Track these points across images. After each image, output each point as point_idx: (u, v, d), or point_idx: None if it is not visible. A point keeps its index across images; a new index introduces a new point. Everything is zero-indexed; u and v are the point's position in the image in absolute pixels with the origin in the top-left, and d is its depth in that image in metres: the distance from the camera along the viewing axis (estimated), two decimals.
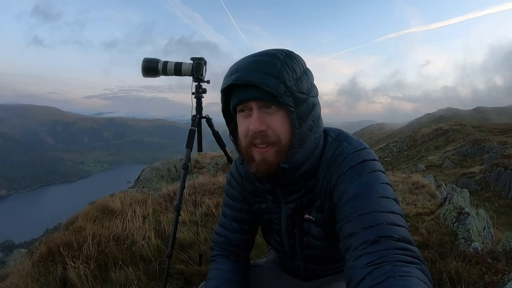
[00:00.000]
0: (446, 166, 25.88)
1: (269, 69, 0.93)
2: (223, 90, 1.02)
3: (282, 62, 0.95)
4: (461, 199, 3.68)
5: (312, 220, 1.14)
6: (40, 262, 2.74)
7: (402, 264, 0.77)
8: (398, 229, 0.86)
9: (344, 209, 0.95)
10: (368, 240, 0.84)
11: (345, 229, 0.92)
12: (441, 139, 40.70)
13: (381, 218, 0.87)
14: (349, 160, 1.01)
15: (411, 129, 63.54)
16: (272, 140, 0.97)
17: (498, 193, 17.13)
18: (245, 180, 1.26)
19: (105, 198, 4.91)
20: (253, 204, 1.27)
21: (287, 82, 0.93)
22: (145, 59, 2.32)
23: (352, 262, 0.84)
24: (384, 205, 0.90)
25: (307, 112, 0.99)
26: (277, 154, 0.99)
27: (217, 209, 3.99)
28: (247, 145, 1.01)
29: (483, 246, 2.70)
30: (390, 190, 0.96)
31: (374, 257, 0.80)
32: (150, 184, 10.49)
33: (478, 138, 30.46)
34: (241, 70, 0.96)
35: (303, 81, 0.98)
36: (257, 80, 0.92)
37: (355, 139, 1.09)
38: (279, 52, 0.98)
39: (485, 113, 63.04)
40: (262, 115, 0.97)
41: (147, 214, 3.81)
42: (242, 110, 1.01)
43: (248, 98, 0.97)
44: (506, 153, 20.56)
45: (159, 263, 2.71)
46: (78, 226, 3.46)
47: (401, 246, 0.82)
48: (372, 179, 0.96)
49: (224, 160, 12.17)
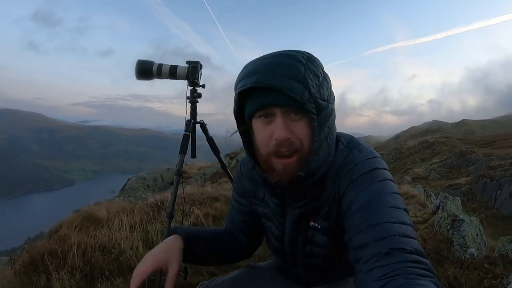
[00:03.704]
0: (432, 178, 26.17)
1: (293, 73, 0.88)
2: (240, 93, 0.95)
3: (305, 67, 0.90)
4: (454, 207, 3.73)
5: (317, 228, 1.10)
6: (23, 271, 2.65)
7: (416, 277, 0.74)
8: (410, 241, 0.83)
9: (354, 218, 0.91)
10: (381, 252, 0.81)
11: (355, 240, 0.88)
12: (427, 151, 41.22)
13: (393, 230, 0.84)
14: (360, 168, 0.97)
15: (397, 141, 64.31)
16: (297, 147, 0.94)
17: (485, 204, 17.41)
18: (245, 179, 1.25)
19: (90, 206, 4.82)
20: (252, 205, 1.26)
21: (311, 88, 0.89)
22: (139, 61, 2.26)
23: (364, 275, 0.81)
24: (395, 215, 0.87)
25: (326, 119, 0.96)
26: (299, 161, 0.95)
27: (206, 219, 3.93)
28: (269, 154, 0.97)
29: (478, 252, 2.75)
30: (401, 200, 0.93)
31: (387, 270, 0.77)
32: (136, 194, 10.38)
33: (464, 150, 30.96)
34: (260, 72, 0.90)
35: (323, 88, 0.95)
36: (282, 84, 0.87)
37: (366, 146, 1.06)
38: (300, 54, 0.92)
39: (470, 126, 64.26)
40: (287, 122, 0.92)
41: (134, 223, 3.71)
42: (263, 116, 0.95)
43: (272, 103, 0.91)
44: (491, 164, 20.96)
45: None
46: (62, 234, 3.37)
47: (414, 259, 0.79)
48: (383, 188, 0.93)
49: (212, 171, 12.16)
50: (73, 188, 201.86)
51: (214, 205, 4.50)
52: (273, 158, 0.96)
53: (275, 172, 0.98)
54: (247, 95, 0.96)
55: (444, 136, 47.37)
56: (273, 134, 0.93)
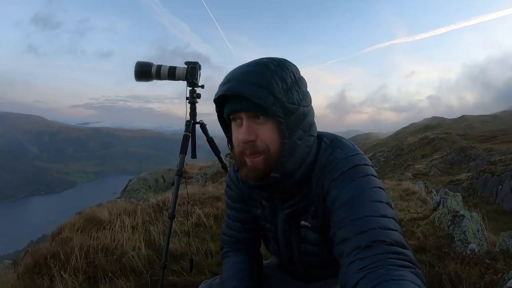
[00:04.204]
0: (433, 174, 26.16)
1: (259, 80, 0.95)
2: (215, 100, 1.05)
3: (273, 73, 0.96)
4: (454, 203, 3.75)
5: (308, 226, 1.14)
6: (26, 274, 2.65)
7: (395, 268, 0.78)
8: (391, 233, 0.86)
9: (337, 214, 0.96)
10: (361, 245, 0.85)
11: (338, 234, 0.93)
12: (428, 147, 41.23)
13: (374, 223, 0.88)
14: (342, 166, 1.02)
15: (397, 138, 64.24)
16: (261, 150, 0.99)
17: (486, 199, 17.39)
18: (242, 183, 1.27)
19: (92, 208, 4.80)
20: (250, 207, 1.29)
21: (276, 93, 0.95)
22: (138, 63, 2.27)
23: (346, 268, 0.85)
24: (376, 209, 0.91)
25: (297, 122, 1.00)
26: (266, 161, 1.00)
27: (208, 219, 3.93)
28: (240, 153, 1.03)
29: (479, 248, 2.76)
30: (383, 194, 0.97)
31: (368, 262, 0.81)
32: (137, 195, 10.38)
33: (464, 146, 30.95)
34: (233, 81, 0.98)
35: (293, 92, 0.99)
36: (247, 91, 0.94)
37: (349, 144, 1.10)
38: (271, 61, 0.99)
39: (470, 122, 64.14)
40: (251, 125, 0.99)
41: (136, 224, 3.71)
42: (234, 119, 1.03)
43: (238, 109, 0.99)
44: (492, 160, 20.91)
45: (150, 274, 2.64)
46: (65, 236, 3.35)
47: (394, 250, 0.82)
48: (364, 183, 0.97)
49: (213, 170, 12.16)
50: (74, 190, 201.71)
51: (215, 204, 4.50)
52: (243, 156, 1.03)
53: (246, 168, 1.03)
54: (224, 101, 1.04)
55: (444, 132, 47.36)
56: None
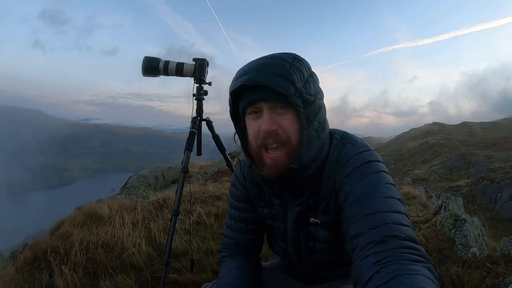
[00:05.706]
0: (433, 180, 26.17)
1: (279, 70, 0.96)
2: (232, 92, 1.04)
3: (291, 65, 0.98)
4: (456, 207, 3.76)
5: (318, 223, 1.14)
6: (25, 267, 2.63)
7: (409, 263, 0.78)
8: (404, 229, 0.87)
9: (350, 209, 0.96)
10: (375, 240, 0.85)
11: (351, 229, 0.93)
12: (428, 153, 41.22)
13: (387, 218, 0.89)
14: (354, 161, 1.03)
15: (397, 143, 64.21)
16: (283, 140, 1.00)
17: (485, 206, 17.42)
18: (250, 182, 1.27)
19: (93, 204, 4.80)
20: (256, 207, 1.28)
21: (296, 83, 0.96)
22: (145, 58, 2.26)
23: (359, 262, 0.85)
24: (389, 205, 0.92)
25: (314, 113, 1.02)
26: (288, 155, 1.01)
27: (208, 217, 3.93)
28: (258, 147, 1.03)
29: (480, 252, 2.76)
30: (395, 190, 0.98)
31: (381, 257, 0.81)
32: (137, 192, 10.37)
33: (464, 152, 30.99)
34: (251, 72, 0.98)
35: (310, 83, 1.01)
36: (268, 81, 0.95)
37: (359, 141, 1.11)
38: (286, 55, 1.01)
39: (471, 128, 64.07)
40: (272, 115, 0.99)
41: (136, 221, 3.70)
42: (253, 112, 1.03)
43: (259, 99, 0.99)
44: (492, 167, 20.94)
45: (151, 271, 2.62)
46: (65, 231, 3.34)
47: (408, 245, 0.83)
48: (377, 179, 0.98)
49: (213, 170, 12.15)
50: (74, 187, 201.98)
51: (216, 203, 4.50)
52: (263, 152, 1.03)
53: (266, 166, 1.03)
54: (240, 95, 1.03)
55: (445, 138, 47.35)
56: (260, 127, 1.00)
